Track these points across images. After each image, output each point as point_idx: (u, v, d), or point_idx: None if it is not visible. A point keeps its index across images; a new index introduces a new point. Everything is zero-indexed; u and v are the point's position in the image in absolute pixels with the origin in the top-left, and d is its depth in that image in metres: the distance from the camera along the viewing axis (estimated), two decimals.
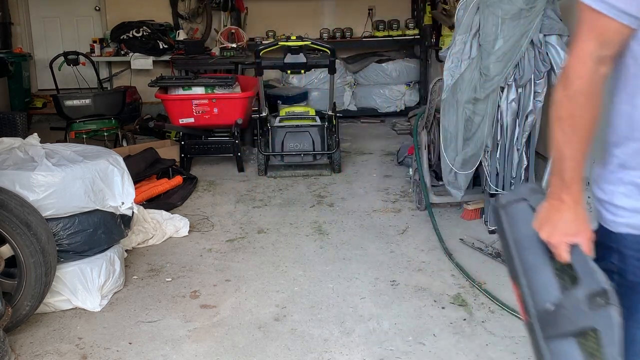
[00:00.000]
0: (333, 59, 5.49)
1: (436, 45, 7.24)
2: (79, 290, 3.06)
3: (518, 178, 3.86)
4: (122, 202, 3.22)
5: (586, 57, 1.28)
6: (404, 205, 4.54)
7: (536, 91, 3.68)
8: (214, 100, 5.50)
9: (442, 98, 3.97)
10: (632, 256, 1.38)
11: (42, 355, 2.69)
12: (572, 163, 1.44)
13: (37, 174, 2.93)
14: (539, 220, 1.44)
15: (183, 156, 5.61)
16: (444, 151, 3.97)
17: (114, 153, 3.37)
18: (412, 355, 2.62)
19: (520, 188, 1.75)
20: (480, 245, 3.68)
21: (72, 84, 7.46)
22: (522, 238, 1.48)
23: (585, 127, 1.36)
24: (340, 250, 3.74)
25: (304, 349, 2.69)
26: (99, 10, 9.10)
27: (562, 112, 1.35)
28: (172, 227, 4.00)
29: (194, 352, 2.69)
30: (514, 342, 2.69)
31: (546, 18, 3.51)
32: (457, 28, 3.80)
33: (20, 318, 2.80)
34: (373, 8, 8.51)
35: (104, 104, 6.04)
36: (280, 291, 3.23)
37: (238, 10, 8.67)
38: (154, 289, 3.30)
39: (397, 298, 3.12)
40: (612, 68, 1.32)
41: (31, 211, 2.86)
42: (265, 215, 4.42)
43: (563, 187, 1.46)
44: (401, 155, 5.62)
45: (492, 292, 3.12)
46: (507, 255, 1.51)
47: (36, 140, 3.30)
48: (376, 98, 8.11)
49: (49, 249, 2.86)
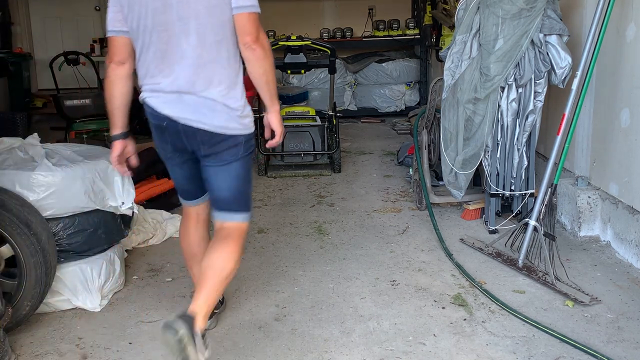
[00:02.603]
0: (333, 58, 5.49)
1: (436, 45, 7.24)
2: (79, 290, 3.06)
3: (518, 178, 3.86)
4: (123, 202, 3.22)
5: (265, 41, 2.41)
6: (404, 205, 4.54)
7: (536, 91, 3.68)
8: None
9: (443, 98, 3.97)
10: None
11: (42, 355, 2.69)
12: (273, 88, 2.49)
13: (37, 174, 2.92)
14: (277, 120, 2.55)
15: None
16: (444, 151, 3.97)
17: None
18: (412, 355, 2.62)
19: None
20: (481, 245, 3.68)
21: (72, 84, 7.47)
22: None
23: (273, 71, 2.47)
24: (340, 250, 3.74)
25: (304, 348, 2.69)
26: (99, 10, 9.11)
27: (267, 65, 2.41)
28: (173, 227, 4.00)
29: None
30: (514, 342, 2.69)
31: (546, 18, 3.51)
32: (458, 28, 3.80)
33: (21, 318, 2.80)
34: (373, 8, 8.52)
35: (104, 104, 6.02)
36: (280, 291, 3.23)
37: None
38: (154, 289, 3.30)
39: (397, 298, 3.12)
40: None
41: (31, 211, 2.86)
42: (265, 215, 4.42)
43: (275, 101, 2.52)
44: (401, 155, 5.62)
45: (492, 292, 3.12)
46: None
47: (36, 140, 3.30)
48: (376, 98, 8.11)
49: (49, 249, 2.86)
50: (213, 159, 2.47)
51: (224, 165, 2.48)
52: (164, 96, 2.41)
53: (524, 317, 2.87)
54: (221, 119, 2.40)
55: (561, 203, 3.96)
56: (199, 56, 2.35)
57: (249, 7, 2.34)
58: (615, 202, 3.56)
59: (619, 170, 3.52)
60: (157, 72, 2.41)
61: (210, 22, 2.34)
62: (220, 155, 2.46)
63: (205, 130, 2.39)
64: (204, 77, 2.37)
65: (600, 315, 2.89)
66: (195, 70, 2.36)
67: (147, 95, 2.46)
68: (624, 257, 3.46)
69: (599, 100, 3.74)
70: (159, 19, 2.35)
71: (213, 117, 2.39)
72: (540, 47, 3.55)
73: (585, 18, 3.83)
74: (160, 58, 2.39)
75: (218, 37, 2.36)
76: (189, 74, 2.36)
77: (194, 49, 2.35)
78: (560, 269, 3.25)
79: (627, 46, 3.43)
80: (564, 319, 2.87)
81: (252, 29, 2.35)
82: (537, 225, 3.32)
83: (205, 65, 2.37)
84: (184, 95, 2.38)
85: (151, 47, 2.39)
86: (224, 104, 2.39)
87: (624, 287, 3.16)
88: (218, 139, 2.41)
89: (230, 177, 2.51)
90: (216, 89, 2.38)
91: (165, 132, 2.45)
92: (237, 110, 2.42)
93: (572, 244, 3.72)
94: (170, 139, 2.47)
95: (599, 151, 3.76)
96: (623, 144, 3.47)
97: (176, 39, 2.35)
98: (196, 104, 2.38)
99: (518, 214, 3.94)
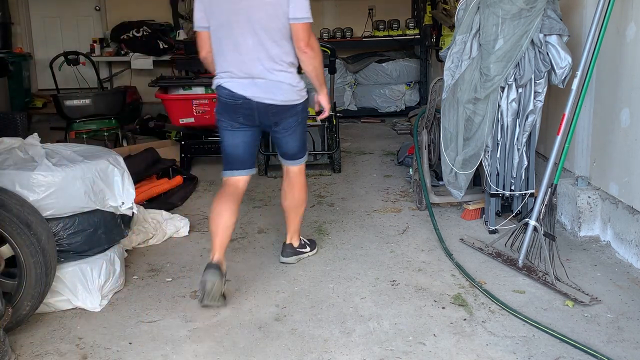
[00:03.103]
0: (333, 58, 5.48)
1: (436, 45, 7.25)
2: (79, 290, 3.06)
3: (518, 178, 3.86)
4: (123, 202, 3.22)
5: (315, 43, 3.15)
6: (404, 205, 4.54)
7: (536, 91, 3.68)
8: (214, 100, 5.47)
9: (443, 98, 3.97)
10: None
11: (42, 355, 2.69)
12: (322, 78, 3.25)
13: (37, 174, 2.93)
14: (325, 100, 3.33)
15: (183, 156, 5.61)
16: (444, 151, 3.97)
17: (114, 153, 3.37)
18: (412, 355, 2.62)
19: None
20: (481, 245, 3.68)
21: (72, 84, 7.46)
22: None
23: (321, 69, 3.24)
24: (340, 250, 3.74)
25: (304, 349, 2.69)
26: (99, 10, 9.11)
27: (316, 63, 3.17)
28: (173, 227, 4.00)
29: (194, 352, 2.69)
30: (514, 342, 2.69)
31: (546, 18, 3.51)
32: (458, 28, 3.80)
33: (21, 318, 2.80)
34: (373, 8, 8.51)
35: (104, 104, 6.04)
36: (280, 291, 3.23)
37: None
38: (154, 289, 3.30)
39: (397, 298, 3.12)
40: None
41: (31, 211, 2.86)
42: (266, 215, 4.42)
43: (324, 87, 3.29)
44: (401, 155, 5.62)
45: (492, 292, 3.12)
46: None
47: (36, 140, 3.29)
48: (376, 98, 8.12)
49: (49, 249, 2.85)
50: (282, 127, 3.26)
51: (289, 131, 3.29)
52: (239, 80, 3.12)
53: (524, 317, 2.87)
54: (285, 94, 3.15)
55: (561, 203, 3.96)
56: (264, 49, 3.07)
57: (303, 19, 3.06)
58: (615, 202, 3.56)
59: (619, 170, 3.52)
60: (231, 61, 3.11)
61: (272, 26, 3.05)
62: (286, 122, 3.24)
63: (275, 105, 3.15)
64: (271, 65, 3.09)
65: (600, 315, 2.89)
66: (261, 60, 3.08)
67: (223, 81, 3.16)
68: (624, 257, 3.46)
69: (599, 100, 3.74)
70: (233, 19, 3.05)
71: (279, 94, 3.14)
72: (540, 47, 3.55)
73: (585, 18, 3.83)
74: (233, 50, 3.09)
75: (277, 37, 3.07)
76: (257, 63, 3.08)
77: (259, 44, 3.07)
78: (560, 269, 3.25)
79: (627, 46, 3.43)
80: (564, 319, 2.87)
81: (305, 36, 3.07)
82: (537, 225, 3.32)
83: (268, 56, 3.08)
84: (256, 80, 3.11)
85: (226, 41, 3.11)
86: (288, 83, 3.15)
87: (624, 287, 3.16)
88: (283, 109, 3.19)
89: (294, 139, 3.34)
90: (280, 73, 3.12)
91: (240, 108, 3.16)
92: (296, 87, 3.19)
93: (572, 244, 3.72)
94: (243, 113, 3.17)
95: (599, 151, 3.76)
96: (623, 144, 3.47)
97: (245, 36, 3.06)
98: (266, 85, 3.11)
99: (518, 214, 3.94)
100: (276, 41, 3.07)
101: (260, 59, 3.08)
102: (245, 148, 3.28)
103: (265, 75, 3.10)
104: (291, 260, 3.55)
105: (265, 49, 3.07)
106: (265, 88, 3.11)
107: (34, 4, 9.01)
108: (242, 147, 3.27)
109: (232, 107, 3.17)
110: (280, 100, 3.15)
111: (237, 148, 3.27)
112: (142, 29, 8.41)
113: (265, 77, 3.10)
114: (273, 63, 3.09)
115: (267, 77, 3.10)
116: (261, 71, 3.09)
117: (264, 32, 3.04)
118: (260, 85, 3.11)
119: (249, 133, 3.26)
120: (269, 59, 3.08)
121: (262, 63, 3.08)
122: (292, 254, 3.56)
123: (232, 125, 3.22)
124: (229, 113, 3.19)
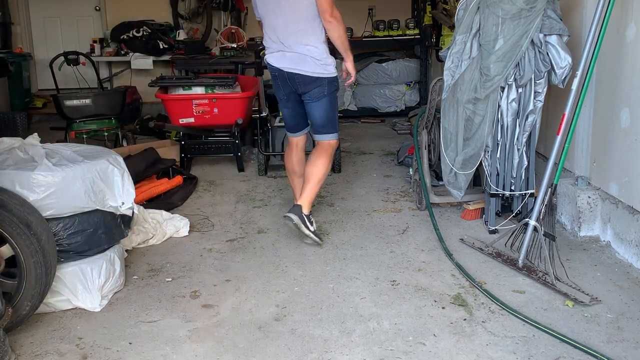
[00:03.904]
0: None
1: (436, 45, 7.25)
2: (79, 290, 3.06)
3: (518, 178, 3.86)
4: (123, 202, 3.22)
5: (338, 14, 3.69)
6: (404, 205, 4.54)
7: (536, 91, 3.67)
8: (214, 100, 5.49)
9: (443, 98, 3.97)
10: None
11: (42, 355, 2.69)
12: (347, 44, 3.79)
13: (37, 174, 2.92)
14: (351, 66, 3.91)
15: (183, 156, 5.61)
16: (444, 151, 3.97)
17: (114, 153, 3.37)
18: (412, 355, 2.62)
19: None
20: (481, 245, 3.68)
21: (72, 84, 7.46)
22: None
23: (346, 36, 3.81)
24: (340, 250, 3.74)
25: (304, 349, 2.69)
26: (99, 10, 9.10)
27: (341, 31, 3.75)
28: (173, 227, 4.00)
29: (194, 352, 2.69)
30: (514, 342, 2.69)
31: (546, 18, 3.51)
32: (458, 28, 3.80)
33: (21, 318, 2.80)
34: (373, 8, 8.51)
35: (104, 104, 6.04)
36: (280, 291, 3.23)
37: (238, 10, 8.66)
38: (154, 289, 3.30)
39: (397, 298, 3.12)
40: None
41: (31, 211, 2.86)
42: (266, 215, 4.42)
43: (349, 53, 3.84)
44: (401, 155, 5.62)
45: (492, 292, 3.12)
46: None
47: (36, 140, 3.29)
48: (376, 98, 8.11)
49: (49, 249, 2.85)
50: (309, 96, 3.82)
51: (316, 102, 3.83)
52: (275, 54, 3.80)
53: (524, 317, 2.87)
54: (310, 66, 3.72)
55: (561, 203, 3.96)
56: (295, 27, 3.69)
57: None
58: (615, 202, 3.56)
59: (619, 170, 3.52)
60: (271, 39, 3.80)
61: (299, 6, 3.66)
62: (312, 93, 3.80)
63: (300, 74, 3.74)
64: (297, 40, 3.71)
65: (600, 315, 2.89)
66: (292, 36, 3.71)
67: (267, 57, 3.87)
68: (624, 257, 3.46)
69: (599, 100, 3.74)
70: (272, 5, 3.74)
71: (305, 65, 3.72)
72: (540, 47, 3.55)
73: (585, 18, 3.83)
74: (273, 30, 3.77)
75: (304, 15, 3.67)
76: (287, 38, 3.72)
77: (291, 23, 3.69)
78: (560, 269, 3.25)
79: (627, 46, 3.43)
80: (564, 319, 2.87)
81: (328, 7, 3.63)
82: (537, 225, 3.32)
83: (298, 32, 3.70)
84: (286, 53, 3.75)
85: (268, 23, 3.79)
86: (311, 56, 3.71)
87: (624, 287, 3.16)
88: (309, 80, 3.75)
89: (320, 109, 3.85)
90: (305, 47, 3.71)
91: (278, 79, 3.84)
92: (320, 60, 3.73)
93: (572, 244, 3.72)
94: (281, 83, 3.85)
95: (599, 151, 3.76)
96: (623, 144, 3.47)
97: (278, 17, 3.72)
98: (293, 57, 3.73)
99: (518, 214, 3.94)
100: (303, 19, 3.67)
101: (290, 34, 3.70)
102: (293, 117, 4.01)
103: (294, 49, 3.72)
104: (294, 219, 3.69)
105: (294, 26, 3.69)
106: (294, 60, 3.73)
107: (34, 4, 9.00)
108: (290, 116, 4.02)
109: (274, 79, 3.88)
110: (305, 71, 3.72)
111: (287, 117, 4.04)
112: (142, 29, 8.40)
113: (294, 50, 3.72)
114: (300, 38, 3.69)
115: (295, 50, 3.72)
116: (290, 45, 3.72)
117: (293, 12, 3.67)
118: (290, 58, 3.74)
119: (289, 106, 3.97)
120: (297, 34, 3.69)
121: (292, 38, 3.70)
122: (298, 214, 3.71)
123: (279, 97, 3.97)
124: (275, 84, 3.92)
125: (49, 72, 6.45)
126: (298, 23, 3.68)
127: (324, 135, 3.92)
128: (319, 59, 3.72)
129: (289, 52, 3.74)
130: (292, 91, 3.85)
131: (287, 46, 3.73)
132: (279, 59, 3.78)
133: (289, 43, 3.72)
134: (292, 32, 3.70)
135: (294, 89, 3.82)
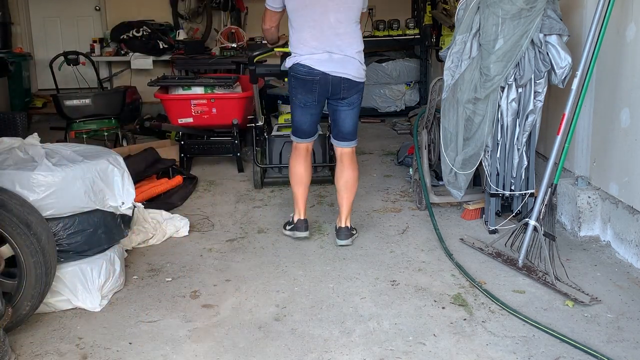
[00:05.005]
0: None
1: (436, 45, 7.25)
2: (79, 290, 3.06)
3: (518, 178, 3.86)
4: (122, 202, 3.22)
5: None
6: (404, 205, 4.54)
7: (536, 91, 3.68)
8: (212, 100, 5.48)
9: (442, 98, 3.97)
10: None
11: (42, 355, 2.69)
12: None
13: (37, 173, 2.92)
14: None
15: (183, 156, 5.60)
16: (444, 151, 3.97)
17: (114, 153, 3.37)
18: (412, 355, 2.62)
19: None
20: (481, 245, 3.68)
21: (72, 84, 7.47)
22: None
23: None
24: (340, 250, 3.74)
25: (304, 349, 2.69)
26: (99, 10, 9.11)
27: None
28: (172, 227, 4.00)
29: (194, 352, 2.69)
30: (514, 342, 2.69)
31: (546, 18, 3.51)
32: (457, 28, 3.80)
33: (21, 318, 2.80)
34: (373, 8, 8.50)
35: (104, 104, 6.04)
36: (280, 291, 3.23)
37: (238, 10, 8.67)
38: (154, 289, 3.30)
39: (397, 298, 3.12)
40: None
41: (31, 211, 2.86)
42: (266, 215, 4.42)
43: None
44: (401, 155, 5.62)
45: (492, 292, 3.12)
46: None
47: (36, 140, 3.29)
48: (376, 98, 8.11)
49: (49, 249, 2.85)
50: (348, 102, 3.64)
51: (352, 106, 3.68)
52: (318, 55, 3.52)
53: (524, 317, 2.87)
54: (357, 71, 3.58)
55: (561, 203, 3.96)
56: (343, 28, 3.51)
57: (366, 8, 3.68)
58: (615, 202, 3.56)
59: (619, 170, 3.52)
60: (311, 39, 3.52)
61: (353, 6, 3.53)
62: (352, 99, 3.64)
63: (348, 78, 3.55)
64: (345, 42, 3.52)
65: (600, 315, 2.89)
66: (340, 38, 3.51)
67: (302, 58, 3.54)
68: (624, 257, 3.46)
69: (599, 100, 3.74)
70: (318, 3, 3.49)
71: (352, 69, 3.55)
72: (540, 47, 3.55)
73: (585, 18, 3.83)
74: (313, 27, 3.51)
75: (354, 17, 3.54)
76: (335, 40, 3.51)
77: (339, 24, 3.50)
78: (560, 269, 3.25)
79: (627, 46, 3.43)
80: (564, 319, 2.87)
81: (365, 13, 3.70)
82: (537, 225, 3.32)
83: (345, 34, 3.52)
84: (333, 55, 3.51)
85: (308, 19, 3.51)
86: (357, 59, 3.57)
87: (624, 287, 3.16)
88: (353, 84, 3.59)
89: (354, 116, 3.73)
90: (352, 50, 3.55)
91: (317, 83, 3.55)
92: (363, 65, 3.63)
93: (572, 244, 3.72)
94: (319, 88, 3.57)
95: (599, 151, 3.76)
96: (623, 144, 3.47)
97: (327, 16, 3.49)
98: (342, 60, 3.53)
99: (518, 214, 3.94)
100: (351, 21, 3.54)
101: (341, 34, 3.51)
102: (310, 124, 3.76)
103: (344, 51, 3.52)
104: (348, 242, 3.74)
105: (344, 27, 3.51)
106: (342, 63, 3.53)
107: (34, 4, 9.01)
108: (307, 124, 3.75)
109: (309, 83, 3.56)
110: (353, 75, 3.56)
111: (304, 124, 3.75)
112: (142, 29, 8.40)
113: (344, 53, 3.53)
114: (351, 39, 3.54)
115: (345, 52, 3.53)
116: (339, 47, 3.51)
117: (345, 12, 3.50)
118: (338, 61, 3.52)
119: (314, 112, 3.71)
120: (347, 35, 3.52)
121: (341, 39, 3.51)
122: (349, 236, 3.74)
123: (304, 103, 3.66)
124: (304, 89, 3.60)
125: (48, 72, 6.45)
126: (349, 24, 3.52)
127: (352, 142, 3.77)
128: (362, 62, 3.62)
129: (337, 54, 3.51)
130: (326, 97, 3.64)
131: (337, 47, 3.50)
132: (324, 62, 3.51)
133: (338, 44, 3.50)
134: (343, 32, 3.51)
135: (331, 94, 3.61)
